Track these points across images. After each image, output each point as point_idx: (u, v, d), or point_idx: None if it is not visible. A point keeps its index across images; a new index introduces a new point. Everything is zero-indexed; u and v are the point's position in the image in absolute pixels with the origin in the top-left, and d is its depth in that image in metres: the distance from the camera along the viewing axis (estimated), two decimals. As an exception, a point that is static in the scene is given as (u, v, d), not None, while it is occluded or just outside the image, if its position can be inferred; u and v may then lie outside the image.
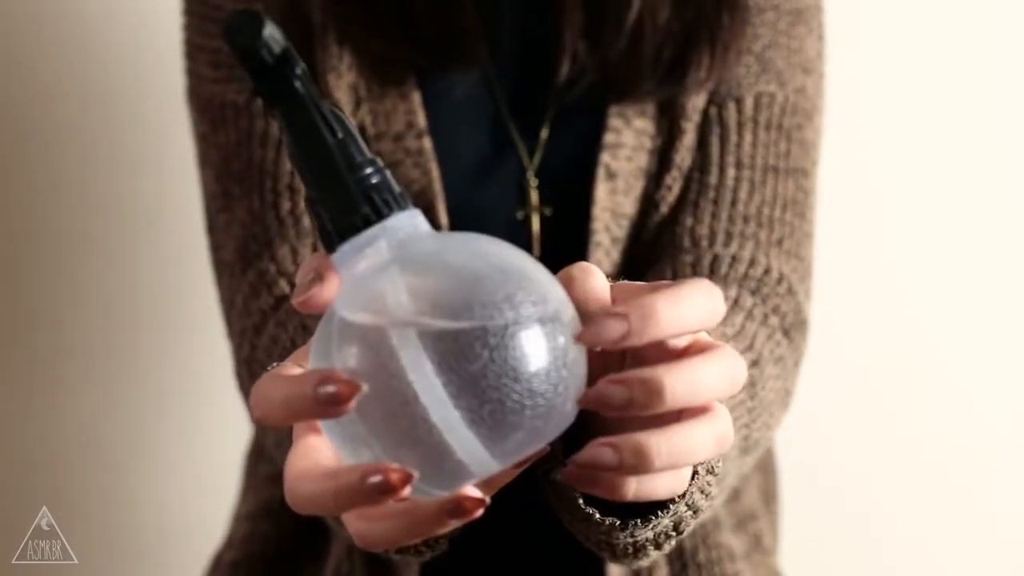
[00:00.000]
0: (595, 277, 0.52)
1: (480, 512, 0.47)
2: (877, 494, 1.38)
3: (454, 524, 0.47)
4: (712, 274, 0.85)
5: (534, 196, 0.90)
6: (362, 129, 0.89)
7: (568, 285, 0.51)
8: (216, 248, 0.92)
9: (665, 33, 0.87)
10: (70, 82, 1.27)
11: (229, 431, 1.17)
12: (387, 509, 0.47)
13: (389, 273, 0.47)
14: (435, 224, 0.87)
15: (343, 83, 0.88)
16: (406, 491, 0.45)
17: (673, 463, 0.48)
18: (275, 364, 0.52)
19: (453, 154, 0.89)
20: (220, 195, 0.90)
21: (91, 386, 1.31)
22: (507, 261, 0.48)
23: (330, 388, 0.45)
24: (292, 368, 0.50)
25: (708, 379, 0.49)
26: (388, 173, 0.49)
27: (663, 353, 0.50)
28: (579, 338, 0.48)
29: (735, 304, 0.82)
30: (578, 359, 0.48)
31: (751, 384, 0.75)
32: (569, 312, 0.49)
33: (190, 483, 1.33)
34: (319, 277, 0.48)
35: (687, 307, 0.49)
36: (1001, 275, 1.36)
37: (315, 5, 0.88)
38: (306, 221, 0.87)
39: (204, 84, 0.91)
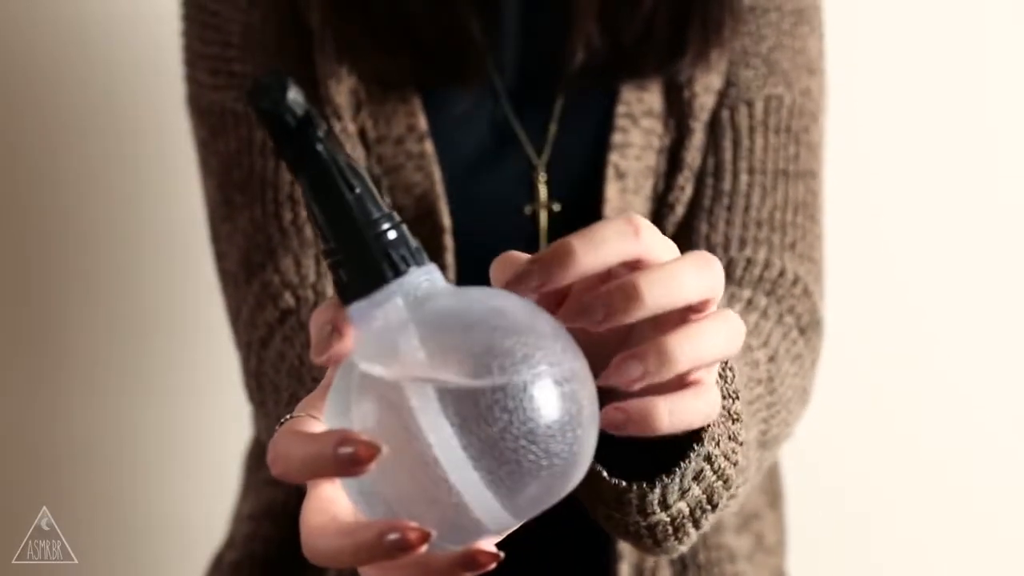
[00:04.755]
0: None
1: (493, 565, 0.47)
2: (881, 495, 1.38)
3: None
4: (727, 278, 0.86)
5: (543, 191, 0.90)
6: (362, 132, 0.89)
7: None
8: (220, 256, 0.92)
9: (674, 11, 0.88)
10: (72, 85, 1.27)
11: (229, 432, 1.17)
12: (401, 560, 0.48)
13: (406, 332, 0.47)
14: (437, 225, 0.88)
15: (343, 88, 0.88)
16: (423, 548, 0.45)
17: (695, 357, 0.50)
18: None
19: (456, 153, 0.89)
20: (222, 203, 0.90)
21: (92, 386, 1.31)
22: (523, 319, 0.48)
23: (349, 449, 0.45)
24: (309, 422, 0.51)
25: (712, 339, 0.51)
26: (405, 228, 0.49)
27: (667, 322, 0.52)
28: (600, 381, 0.49)
29: (749, 304, 0.82)
30: (592, 416, 0.49)
31: (769, 379, 0.75)
32: (584, 369, 0.49)
33: (190, 483, 1.33)
34: (337, 331, 0.48)
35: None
36: (1004, 276, 1.36)
37: (313, 9, 0.88)
38: (308, 231, 0.87)
39: (203, 91, 0.91)
